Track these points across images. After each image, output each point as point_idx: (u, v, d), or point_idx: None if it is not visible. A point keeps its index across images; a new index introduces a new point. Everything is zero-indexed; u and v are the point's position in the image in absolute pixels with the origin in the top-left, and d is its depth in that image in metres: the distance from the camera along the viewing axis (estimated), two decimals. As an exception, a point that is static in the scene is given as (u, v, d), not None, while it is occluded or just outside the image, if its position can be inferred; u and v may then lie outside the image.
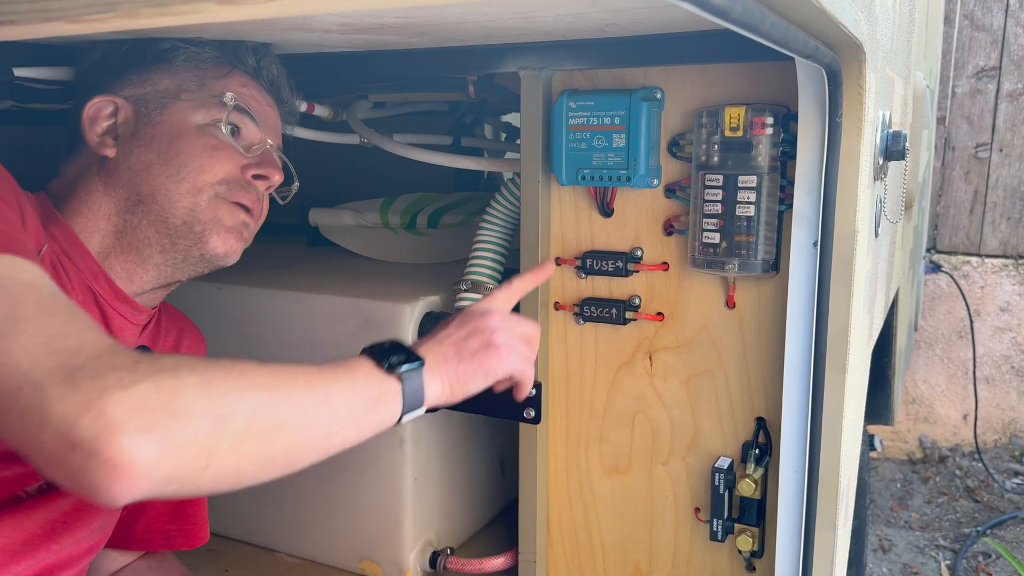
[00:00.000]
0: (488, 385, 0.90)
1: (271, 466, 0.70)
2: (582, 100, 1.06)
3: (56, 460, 0.61)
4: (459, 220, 1.62)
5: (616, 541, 1.18)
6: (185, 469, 0.63)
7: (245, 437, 0.66)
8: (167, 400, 0.63)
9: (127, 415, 0.60)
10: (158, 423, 0.61)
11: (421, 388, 0.82)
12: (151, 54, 1.00)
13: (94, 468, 0.60)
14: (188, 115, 0.98)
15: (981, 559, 2.92)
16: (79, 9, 0.54)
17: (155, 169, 0.96)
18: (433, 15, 0.84)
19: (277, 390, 0.70)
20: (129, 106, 0.99)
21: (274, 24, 0.91)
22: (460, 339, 0.89)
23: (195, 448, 0.63)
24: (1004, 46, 3.50)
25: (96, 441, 0.59)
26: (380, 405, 0.78)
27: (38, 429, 0.61)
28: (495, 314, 0.92)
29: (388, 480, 1.26)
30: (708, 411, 1.09)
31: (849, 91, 0.87)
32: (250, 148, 1.02)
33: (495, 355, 0.89)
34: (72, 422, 0.60)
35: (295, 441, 0.70)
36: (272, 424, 0.68)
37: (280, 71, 1.09)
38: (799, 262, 0.95)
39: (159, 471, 0.61)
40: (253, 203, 1.01)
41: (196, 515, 1.20)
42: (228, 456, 0.65)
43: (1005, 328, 3.55)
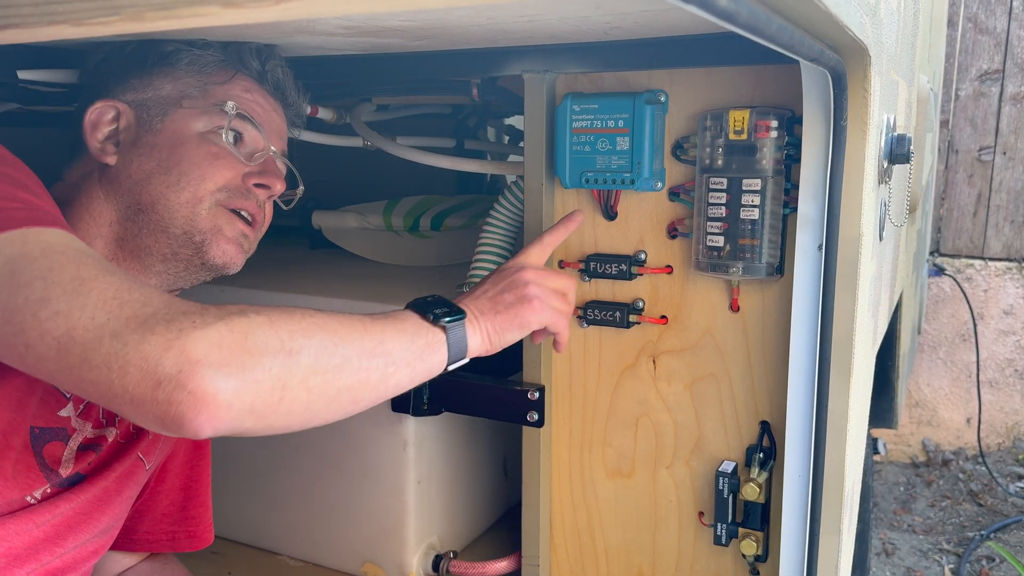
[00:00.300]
0: (523, 336, 0.94)
1: (337, 403, 0.75)
2: (586, 103, 1.05)
3: (141, 399, 0.65)
4: (462, 223, 1.62)
5: (619, 545, 1.18)
6: (262, 401, 0.68)
7: (313, 373, 0.71)
8: (240, 338, 0.68)
9: (206, 351, 0.65)
10: (234, 358, 0.67)
11: (464, 339, 0.87)
12: (153, 57, 1.00)
13: (180, 400, 0.64)
14: (189, 123, 0.97)
15: (985, 563, 2.91)
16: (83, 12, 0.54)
17: (155, 178, 0.95)
18: (437, 18, 0.84)
19: (336, 332, 0.75)
20: (131, 112, 0.98)
21: (278, 27, 0.91)
22: (496, 293, 0.94)
23: (270, 381, 0.68)
24: (1008, 49, 3.50)
25: (180, 376, 0.64)
26: (428, 353, 0.83)
27: (121, 374, 0.65)
28: (529, 269, 0.96)
29: (391, 483, 1.26)
30: (712, 415, 1.09)
31: (854, 94, 0.87)
32: (252, 156, 1.01)
33: (529, 308, 0.93)
34: (156, 361, 0.64)
35: (356, 379, 0.75)
36: (335, 362, 0.73)
37: (286, 73, 1.08)
38: (803, 266, 0.95)
39: (240, 402, 0.66)
40: (254, 210, 1.00)
41: (201, 517, 1.20)
42: (299, 390, 0.70)
43: (1009, 331, 3.54)
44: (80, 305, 0.67)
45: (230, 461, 1.37)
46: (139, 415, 0.66)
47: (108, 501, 1.01)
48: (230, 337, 0.67)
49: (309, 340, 0.72)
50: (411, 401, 1.20)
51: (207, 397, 0.65)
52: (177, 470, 1.18)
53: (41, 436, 0.91)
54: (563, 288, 0.98)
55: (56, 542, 0.94)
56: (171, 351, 0.65)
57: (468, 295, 0.94)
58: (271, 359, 0.69)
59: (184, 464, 1.19)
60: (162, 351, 0.65)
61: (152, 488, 1.15)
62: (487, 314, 0.91)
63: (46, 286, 0.69)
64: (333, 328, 0.75)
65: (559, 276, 0.98)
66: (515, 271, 0.96)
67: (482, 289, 0.95)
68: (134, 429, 1.03)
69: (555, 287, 0.97)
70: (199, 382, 0.64)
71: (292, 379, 0.70)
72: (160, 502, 1.17)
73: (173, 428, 0.66)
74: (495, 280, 0.96)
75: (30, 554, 0.91)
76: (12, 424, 0.87)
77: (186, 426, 0.65)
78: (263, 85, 1.05)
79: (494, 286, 0.95)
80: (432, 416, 1.23)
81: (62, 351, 0.67)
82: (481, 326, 0.90)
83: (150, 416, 0.65)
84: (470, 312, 0.90)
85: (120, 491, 1.03)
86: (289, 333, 0.71)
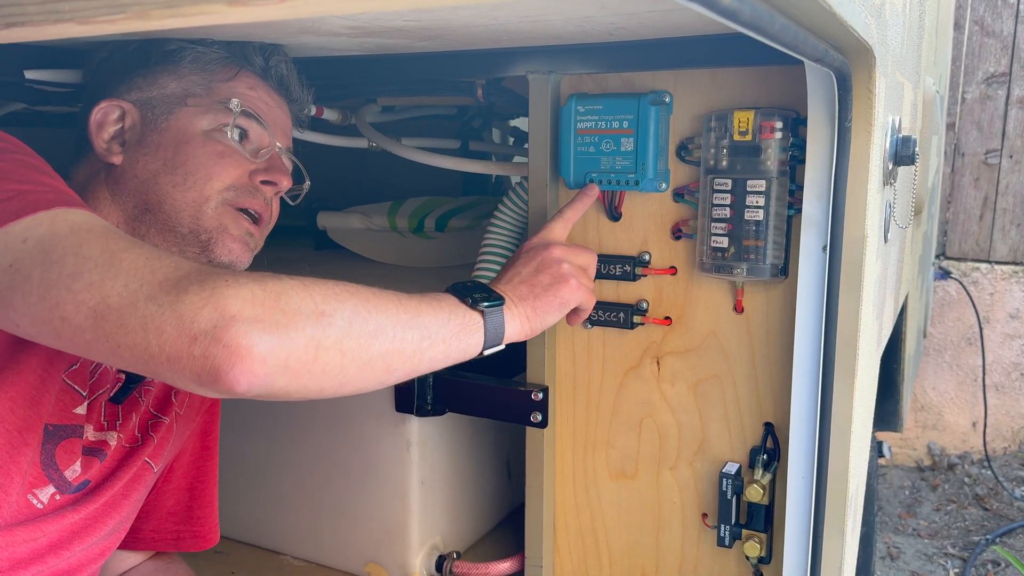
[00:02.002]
0: (561, 317, 0.95)
1: (370, 370, 0.75)
2: (590, 104, 1.05)
3: (178, 357, 0.66)
4: (467, 224, 1.62)
5: (623, 546, 1.17)
6: (297, 359, 0.69)
7: (347, 336, 0.72)
8: (274, 297, 0.69)
9: (240, 307, 0.67)
10: (269, 315, 0.68)
11: (502, 325, 0.88)
12: (157, 56, 1.00)
13: (216, 354, 0.65)
14: (194, 121, 0.97)
15: (991, 567, 2.90)
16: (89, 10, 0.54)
17: (161, 178, 0.95)
18: (442, 19, 0.84)
19: (370, 301, 0.76)
20: (136, 111, 0.98)
21: (283, 27, 0.92)
22: (531, 275, 0.94)
23: (304, 340, 0.69)
24: (1014, 52, 3.48)
25: (216, 330, 0.66)
26: (464, 335, 0.84)
27: (157, 334, 0.66)
28: (556, 246, 0.97)
29: (395, 483, 1.26)
30: (716, 416, 1.09)
31: (859, 95, 0.87)
32: (258, 153, 1.01)
33: (567, 287, 0.94)
34: (191, 318, 0.66)
35: (391, 347, 0.76)
36: (369, 328, 0.74)
37: (290, 69, 1.08)
38: (808, 267, 0.95)
39: (274, 358, 0.67)
40: (261, 208, 1.00)
41: (207, 517, 1.20)
42: (333, 352, 0.71)
43: (1015, 335, 3.53)
44: (112, 275, 0.69)
45: (234, 461, 1.37)
46: (176, 373, 0.67)
47: (116, 507, 1.01)
48: (263, 295, 0.69)
49: (343, 304, 0.73)
50: (415, 401, 1.20)
51: (242, 350, 0.66)
52: (184, 469, 1.18)
53: (55, 434, 0.92)
54: (587, 263, 0.99)
55: (63, 547, 0.94)
56: (206, 307, 0.66)
57: (501, 279, 0.94)
58: (305, 319, 0.70)
59: (191, 464, 1.19)
60: (198, 308, 0.66)
61: (159, 487, 1.16)
62: (526, 299, 0.92)
63: (78, 261, 0.70)
64: (367, 297, 0.76)
65: (583, 251, 0.99)
66: (543, 248, 0.96)
67: (514, 271, 0.95)
68: (139, 434, 1.03)
69: (582, 263, 0.98)
70: (234, 335, 0.65)
71: (326, 339, 0.71)
72: (166, 501, 1.17)
73: (209, 383, 0.66)
74: (525, 260, 0.95)
75: (35, 560, 0.91)
76: (27, 421, 0.87)
77: (222, 379, 0.66)
78: (267, 81, 1.05)
79: (525, 266, 0.95)
80: (436, 416, 1.23)
81: (98, 319, 0.68)
82: (521, 311, 0.91)
83: (187, 372, 0.66)
84: (508, 298, 0.90)
85: (128, 495, 1.03)
86: (323, 296, 0.72)
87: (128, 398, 1.00)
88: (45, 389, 0.88)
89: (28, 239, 0.72)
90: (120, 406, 1.00)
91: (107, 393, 0.98)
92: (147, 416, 1.05)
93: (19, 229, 0.72)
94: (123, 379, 0.99)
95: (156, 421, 1.06)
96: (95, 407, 0.97)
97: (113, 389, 0.99)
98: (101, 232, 0.74)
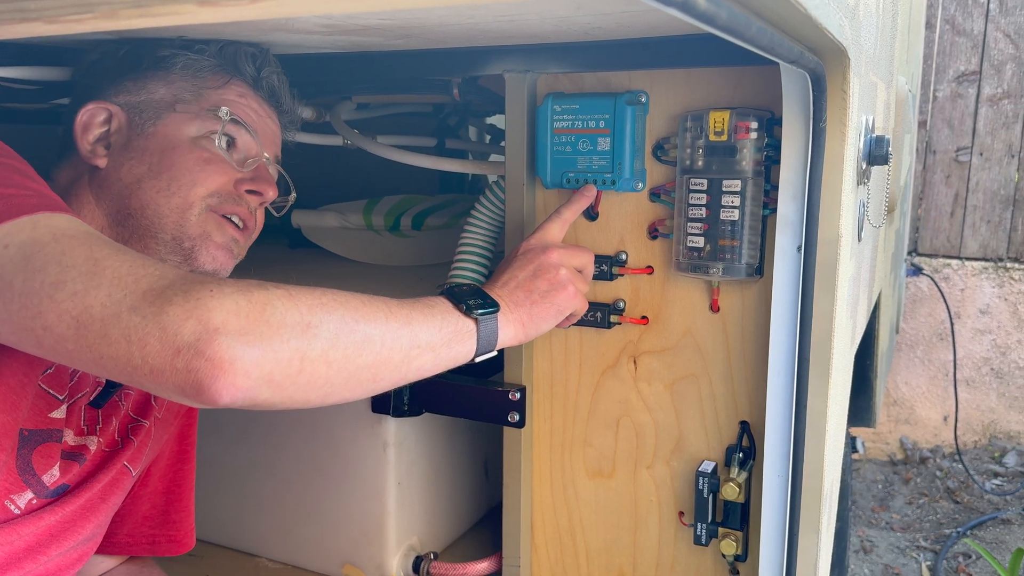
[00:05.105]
0: (557, 323, 0.95)
1: (357, 380, 0.74)
2: (567, 103, 1.05)
3: (161, 369, 0.66)
4: (443, 222, 1.62)
5: (600, 545, 1.18)
6: (281, 372, 0.68)
7: (333, 347, 0.71)
8: (259, 308, 0.68)
9: (224, 319, 0.66)
10: (253, 327, 0.67)
11: (495, 332, 0.87)
12: (148, 60, 0.98)
13: (199, 367, 0.65)
14: (182, 127, 0.96)
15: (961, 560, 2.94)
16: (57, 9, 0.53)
17: (145, 183, 0.94)
18: (417, 17, 0.84)
19: (358, 310, 0.75)
20: (123, 114, 0.97)
21: (256, 25, 0.90)
22: (527, 280, 0.93)
23: (288, 352, 0.69)
24: (984, 51, 3.53)
25: (199, 343, 0.65)
26: (456, 342, 0.83)
27: (140, 345, 0.66)
28: (554, 250, 0.96)
29: (371, 484, 1.25)
30: (692, 415, 1.09)
31: (833, 96, 0.87)
32: (245, 162, 1.00)
33: (564, 294, 0.93)
34: (175, 330, 0.65)
35: (378, 358, 0.75)
36: (357, 339, 0.74)
37: (281, 79, 1.07)
38: (783, 267, 0.95)
39: (258, 370, 0.67)
40: (245, 216, 0.99)
41: (183, 522, 1.19)
42: (319, 364, 0.71)
43: (985, 330, 3.59)
44: (96, 284, 0.68)
45: (210, 462, 1.35)
46: (159, 385, 0.67)
47: (93, 510, 1.00)
48: (248, 307, 0.68)
49: (329, 315, 0.72)
50: (391, 402, 1.19)
51: (225, 364, 0.65)
52: (160, 473, 1.16)
53: (31, 439, 0.90)
54: (584, 264, 0.99)
55: (39, 551, 0.93)
56: (190, 320, 0.65)
57: (497, 283, 0.93)
58: (290, 330, 0.69)
59: (168, 468, 1.17)
60: (181, 320, 0.65)
61: (135, 491, 1.14)
62: (522, 305, 0.91)
63: (61, 269, 0.69)
64: (355, 306, 0.75)
65: (580, 253, 0.98)
66: (540, 252, 0.95)
67: (510, 274, 0.93)
68: (119, 437, 1.02)
69: (578, 264, 0.97)
70: (217, 349, 0.65)
71: (311, 351, 0.70)
72: (142, 505, 1.15)
73: (192, 396, 0.66)
74: (522, 264, 0.94)
75: (12, 563, 0.90)
76: (3, 427, 0.86)
77: (204, 393, 0.65)
78: (258, 91, 1.04)
79: (522, 270, 0.94)
80: (412, 417, 1.22)
81: (81, 329, 0.67)
82: (516, 317, 0.90)
83: (169, 385, 0.66)
84: (504, 304, 0.89)
85: (105, 499, 1.02)
86: (308, 307, 0.71)
87: (108, 402, 0.99)
88: (23, 394, 0.87)
89: (9, 245, 0.70)
90: (100, 410, 0.99)
91: (87, 397, 0.97)
92: (127, 420, 1.03)
93: (0, 234, 0.71)
94: (103, 383, 0.98)
95: (136, 425, 1.04)
96: (74, 411, 0.95)
97: (93, 393, 0.97)
98: (84, 238, 0.73)
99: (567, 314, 0.95)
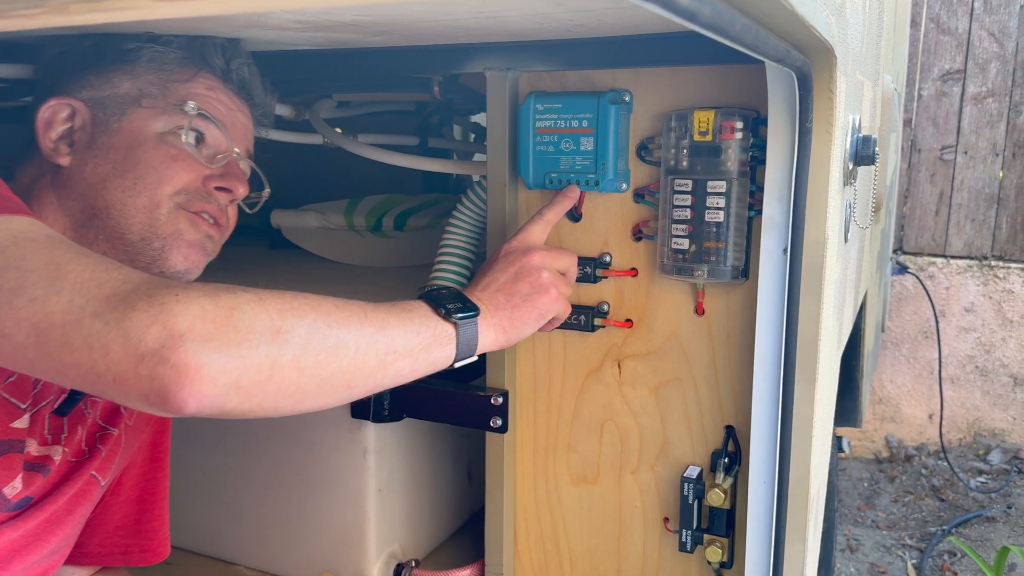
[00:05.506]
0: (539, 327, 0.93)
1: (330, 387, 0.72)
2: (549, 102, 1.03)
3: (124, 377, 0.63)
4: (426, 222, 1.59)
5: (584, 551, 1.16)
6: (249, 379, 0.66)
7: (304, 353, 0.69)
8: (226, 312, 0.66)
9: (190, 324, 0.63)
10: (220, 332, 0.64)
11: (475, 336, 0.85)
12: (112, 54, 0.95)
13: (163, 375, 0.62)
14: (148, 123, 0.93)
15: (947, 558, 2.95)
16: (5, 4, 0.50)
17: (110, 182, 0.90)
18: (393, 13, 0.81)
19: (332, 314, 0.73)
20: (87, 110, 0.93)
21: (229, 21, 0.88)
22: (508, 283, 0.91)
23: (258, 358, 0.66)
24: (969, 49, 3.54)
25: (164, 349, 0.62)
26: (434, 347, 0.81)
27: (103, 353, 0.63)
28: (536, 251, 0.93)
29: (351, 491, 1.22)
30: (677, 419, 1.07)
31: (820, 95, 0.86)
32: (214, 158, 0.97)
33: (546, 297, 0.91)
34: (138, 336, 0.63)
35: (352, 363, 0.73)
36: (330, 344, 0.71)
37: (252, 71, 1.04)
38: (769, 269, 0.94)
39: (225, 377, 0.64)
40: (216, 214, 0.96)
41: (156, 531, 1.16)
42: (289, 370, 0.68)
43: (969, 328, 3.60)
44: (56, 290, 0.66)
45: (184, 467, 1.32)
46: (122, 394, 0.65)
47: (59, 523, 0.97)
48: (215, 311, 0.65)
49: (300, 320, 0.70)
50: (371, 407, 1.17)
51: (190, 371, 0.63)
52: (133, 482, 1.13)
53: None
54: (567, 267, 0.97)
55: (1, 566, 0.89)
56: (154, 325, 0.63)
57: (477, 286, 0.91)
58: (259, 336, 0.67)
59: (140, 476, 1.14)
60: (145, 326, 0.63)
61: (106, 501, 1.11)
62: (503, 308, 0.89)
63: (20, 274, 0.66)
64: (328, 310, 0.73)
65: (563, 255, 0.96)
66: (522, 254, 0.93)
67: (491, 277, 0.91)
68: (85, 447, 0.99)
69: (560, 267, 0.95)
70: (182, 355, 0.63)
71: (282, 357, 0.68)
72: (114, 515, 1.12)
73: (157, 404, 0.64)
74: (503, 266, 0.92)
75: None
76: None
77: (170, 401, 0.63)
78: (227, 84, 1.01)
79: (503, 272, 0.91)
80: (393, 422, 1.20)
81: (41, 337, 0.65)
82: (495, 321, 0.88)
83: (133, 393, 0.64)
84: (484, 308, 0.87)
85: (72, 511, 0.98)
86: (279, 311, 0.69)
87: (73, 410, 0.96)
88: None
89: None
90: (65, 418, 0.96)
91: (51, 405, 0.93)
92: (95, 428, 1.00)
93: None
94: (68, 390, 0.95)
95: (104, 433, 1.01)
96: (38, 420, 0.92)
97: (57, 400, 0.94)
98: (45, 242, 0.70)
99: (549, 318, 0.93)
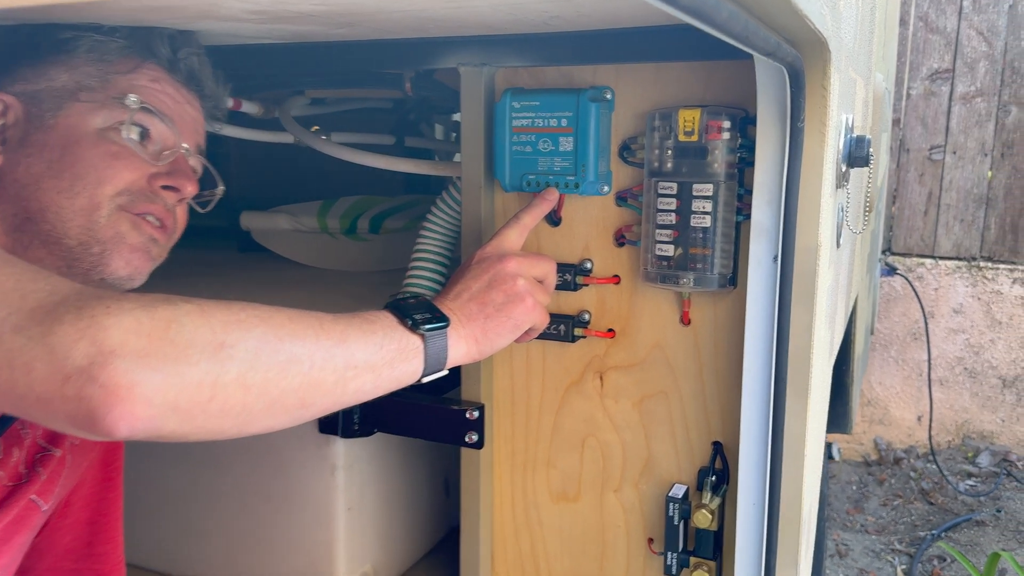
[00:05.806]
0: (514, 338, 0.87)
1: (281, 406, 0.66)
2: (527, 100, 0.97)
3: (49, 397, 0.58)
4: (403, 225, 1.54)
5: (565, 573, 1.10)
6: (188, 399, 0.60)
7: (251, 369, 0.63)
8: (163, 326, 0.60)
9: (122, 339, 0.58)
10: (155, 348, 0.59)
11: (445, 349, 0.79)
12: (48, 44, 0.88)
13: (91, 395, 0.57)
14: (86, 118, 0.86)
15: (936, 563, 2.92)
16: None
17: (45, 183, 0.84)
18: (354, 3, 0.75)
19: (284, 327, 0.67)
20: (19, 105, 0.86)
21: (180, 12, 0.81)
22: (481, 292, 0.85)
23: (197, 376, 0.60)
24: (957, 48, 3.51)
25: (91, 368, 0.57)
26: (400, 361, 0.75)
27: (25, 371, 0.58)
28: (512, 259, 0.87)
29: (319, 510, 1.16)
30: (662, 435, 1.02)
31: (812, 93, 0.80)
32: (160, 155, 0.90)
33: (521, 307, 0.85)
34: (63, 354, 0.57)
35: (307, 380, 0.67)
36: (280, 359, 0.65)
37: (202, 62, 0.97)
38: (758, 277, 0.88)
39: (161, 397, 0.59)
40: (162, 214, 0.89)
41: (109, 553, 1.09)
42: (234, 389, 0.62)
43: (958, 330, 3.56)
44: None
45: (143, 483, 1.26)
46: (47, 415, 0.59)
47: None
48: (150, 324, 0.59)
49: (247, 333, 0.64)
50: (340, 422, 1.10)
51: (121, 391, 0.57)
52: (83, 502, 1.06)
53: None
54: (544, 274, 0.91)
55: None
56: (82, 340, 0.57)
57: (448, 295, 0.84)
58: (199, 351, 0.61)
59: (91, 496, 1.07)
60: (72, 341, 0.57)
61: (53, 524, 1.04)
62: (475, 319, 0.83)
63: None
64: (280, 323, 0.66)
65: (540, 261, 0.90)
66: (497, 260, 0.87)
67: (463, 285, 0.85)
68: (24, 470, 0.92)
69: (538, 274, 0.89)
70: (112, 374, 0.57)
71: (225, 375, 0.62)
72: (62, 538, 1.05)
73: (85, 427, 0.58)
74: (476, 274, 0.86)
75: None
76: None
77: (98, 424, 0.57)
78: (174, 75, 0.94)
79: (476, 280, 0.85)
80: (364, 437, 1.14)
81: None
82: (468, 332, 0.82)
83: (59, 415, 0.59)
84: (455, 318, 0.81)
85: (9, 540, 0.92)
86: (223, 324, 0.63)
87: (8, 430, 0.89)
88: None
89: None
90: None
91: None
92: (35, 449, 0.93)
93: None
94: None
95: (46, 454, 0.95)
96: None
97: None
98: None
99: (525, 328, 0.87)
